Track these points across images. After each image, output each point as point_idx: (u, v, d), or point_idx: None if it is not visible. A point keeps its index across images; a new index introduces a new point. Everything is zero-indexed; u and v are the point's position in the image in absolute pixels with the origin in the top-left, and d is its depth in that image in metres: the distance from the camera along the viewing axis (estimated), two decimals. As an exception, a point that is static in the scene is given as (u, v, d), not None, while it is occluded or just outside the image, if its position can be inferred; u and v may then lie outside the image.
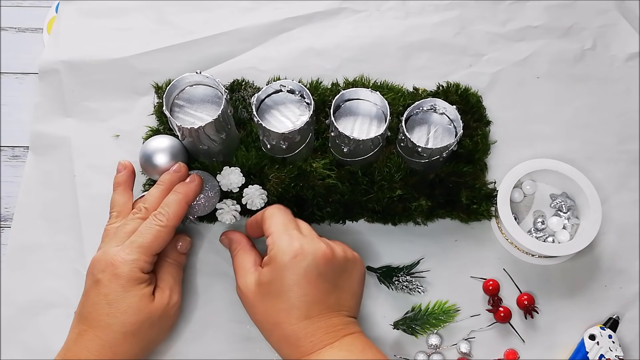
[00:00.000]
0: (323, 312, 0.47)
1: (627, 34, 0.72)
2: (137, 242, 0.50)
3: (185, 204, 0.53)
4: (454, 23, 0.72)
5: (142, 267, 0.49)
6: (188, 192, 0.54)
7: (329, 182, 0.58)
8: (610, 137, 0.66)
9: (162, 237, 0.51)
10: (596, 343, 0.55)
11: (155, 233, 0.50)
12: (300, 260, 0.47)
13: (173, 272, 0.54)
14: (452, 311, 0.57)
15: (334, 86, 0.66)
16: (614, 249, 0.61)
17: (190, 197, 0.55)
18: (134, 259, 0.49)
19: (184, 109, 0.55)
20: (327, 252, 0.48)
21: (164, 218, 0.51)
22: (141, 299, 0.49)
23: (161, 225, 0.51)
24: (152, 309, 0.49)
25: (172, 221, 0.51)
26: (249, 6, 0.72)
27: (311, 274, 0.47)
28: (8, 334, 0.57)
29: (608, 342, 0.55)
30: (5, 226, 0.64)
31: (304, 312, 0.47)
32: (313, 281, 0.47)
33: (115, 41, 0.69)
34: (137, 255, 0.49)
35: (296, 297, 0.47)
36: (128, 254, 0.49)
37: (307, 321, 0.46)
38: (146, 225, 0.51)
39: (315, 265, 0.47)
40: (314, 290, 0.47)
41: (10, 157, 0.67)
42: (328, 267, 0.48)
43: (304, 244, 0.48)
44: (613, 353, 0.55)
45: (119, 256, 0.49)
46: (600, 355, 0.54)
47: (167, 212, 0.52)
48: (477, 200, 0.60)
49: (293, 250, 0.47)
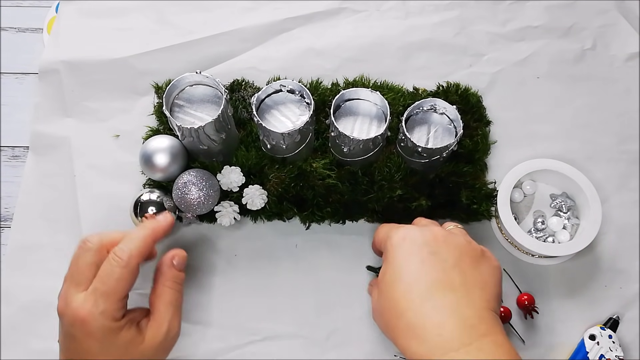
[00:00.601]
0: (448, 294, 0.41)
1: (627, 34, 0.72)
2: (100, 290, 0.43)
3: (151, 242, 0.47)
4: (454, 23, 0.72)
5: (114, 316, 0.44)
6: (156, 227, 0.48)
7: (329, 182, 0.58)
8: (610, 137, 0.66)
9: (126, 279, 0.44)
10: (596, 343, 0.55)
11: (118, 277, 0.44)
12: (409, 241, 0.44)
13: (172, 299, 0.47)
14: (452, 311, 0.57)
15: (334, 86, 0.66)
16: (614, 249, 0.61)
17: (159, 234, 0.48)
18: (101, 310, 0.43)
19: (184, 109, 0.55)
20: (439, 232, 0.45)
21: (124, 256, 0.44)
22: (126, 345, 0.44)
23: (121, 265, 0.44)
24: (143, 349, 0.45)
25: (134, 259, 0.45)
26: (249, 6, 0.72)
27: (423, 251, 0.43)
28: (8, 334, 0.57)
29: (608, 342, 0.55)
30: (5, 226, 0.64)
31: (424, 291, 0.41)
32: (426, 259, 0.43)
33: (115, 41, 0.69)
34: (103, 306, 0.43)
35: (410, 275, 0.42)
36: (93, 305, 0.43)
37: (430, 304, 0.41)
38: (106, 267, 0.44)
39: (426, 243, 0.44)
40: (428, 267, 0.42)
41: (10, 157, 0.67)
42: (443, 247, 0.44)
43: (412, 229, 0.45)
44: (613, 353, 0.54)
45: (85, 309, 0.43)
46: (601, 355, 0.54)
47: (129, 248, 0.45)
48: (477, 200, 0.60)
49: (401, 234, 0.45)
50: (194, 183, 0.56)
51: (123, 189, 0.62)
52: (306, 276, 0.59)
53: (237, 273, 0.59)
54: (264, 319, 0.58)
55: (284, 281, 0.59)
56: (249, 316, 0.58)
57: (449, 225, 0.50)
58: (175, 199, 0.57)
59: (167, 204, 0.57)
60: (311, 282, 0.59)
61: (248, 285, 0.59)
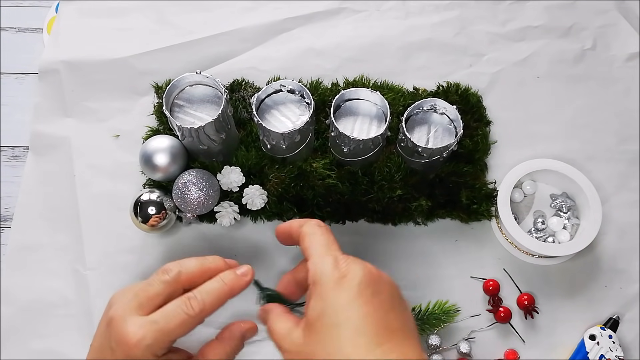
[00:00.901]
0: (393, 339, 0.40)
1: (627, 34, 0.72)
2: (159, 325, 0.42)
3: (225, 298, 0.45)
4: (454, 23, 0.72)
5: (156, 353, 0.42)
6: (235, 285, 0.45)
7: (329, 182, 0.58)
8: (610, 137, 0.66)
9: (188, 327, 0.43)
10: (596, 343, 0.55)
11: (181, 321, 0.43)
12: (351, 279, 0.41)
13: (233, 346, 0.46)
14: (452, 311, 0.57)
15: (334, 86, 0.66)
16: (614, 249, 0.61)
17: (236, 291, 0.45)
18: (148, 344, 0.42)
19: (184, 109, 0.55)
20: (374, 270, 0.43)
21: (197, 307, 0.43)
22: None
23: (191, 315, 0.43)
24: None
25: (205, 312, 0.43)
26: (249, 6, 0.72)
27: (366, 292, 0.41)
28: (8, 334, 0.57)
29: (608, 342, 0.55)
30: (5, 226, 0.64)
31: (373, 338, 0.39)
32: (369, 301, 0.40)
33: (115, 41, 0.69)
34: (152, 340, 0.42)
35: (357, 319, 0.39)
36: (144, 336, 0.42)
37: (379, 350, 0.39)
38: (174, 307, 0.43)
39: (367, 283, 0.41)
40: (373, 310, 0.40)
41: (10, 157, 0.67)
42: (381, 286, 0.42)
43: (350, 263, 0.42)
44: (613, 353, 0.55)
45: (135, 336, 0.42)
46: (601, 355, 0.54)
47: (203, 300, 0.43)
48: (477, 200, 0.60)
49: (340, 271, 0.42)
50: (194, 183, 0.56)
51: (123, 189, 0.62)
52: (306, 276, 0.59)
53: (237, 273, 0.59)
54: (264, 319, 0.58)
55: (284, 281, 0.59)
56: (249, 316, 0.58)
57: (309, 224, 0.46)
58: (175, 199, 0.57)
59: (167, 204, 0.57)
60: (311, 282, 0.59)
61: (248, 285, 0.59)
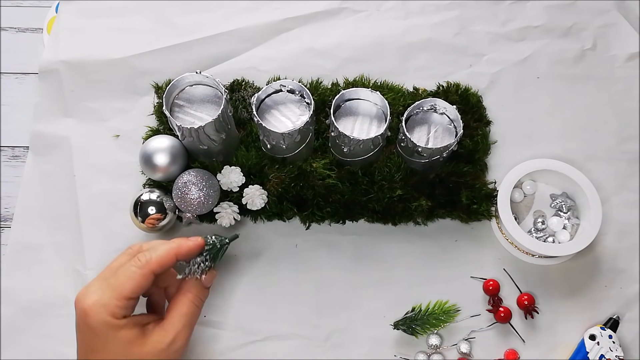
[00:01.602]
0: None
1: (627, 34, 0.72)
2: (109, 281, 0.45)
3: (173, 256, 0.46)
4: (454, 23, 0.72)
5: (114, 313, 0.44)
6: (182, 245, 0.47)
7: (329, 182, 0.58)
8: (610, 137, 0.66)
9: (137, 281, 0.45)
10: (596, 343, 0.55)
11: (129, 275, 0.44)
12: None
13: (188, 312, 0.47)
14: (452, 311, 0.57)
15: (334, 86, 0.66)
16: (614, 249, 0.61)
17: (183, 251, 0.47)
18: (104, 304, 0.43)
19: (184, 109, 0.55)
20: None
21: (144, 260, 0.45)
22: (125, 345, 0.44)
23: (138, 267, 0.45)
24: (143, 353, 0.44)
25: (152, 265, 0.45)
26: (249, 6, 0.72)
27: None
28: (8, 334, 0.57)
29: (608, 342, 0.55)
30: (5, 226, 0.64)
31: None
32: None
33: (115, 41, 0.69)
34: (107, 299, 0.44)
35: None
36: (98, 297, 0.44)
37: None
38: (124, 266, 0.45)
39: None
40: None
41: (10, 157, 0.67)
42: None
43: None
44: (613, 353, 0.55)
45: (90, 300, 0.43)
46: (601, 355, 0.54)
47: (150, 256, 0.46)
48: (477, 200, 0.60)
49: None
50: (194, 183, 0.56)
51: (123, 189, 0.62)
52: (306, 276, 0.59)
53: (237, 273, 0.59)
54: (264, 319, 0.58)
55: (284, 281, 0.59)
56: (249, 316, 0.58)
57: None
58: (175, 199, 0.57)
59: (167, 204, 0.57)
60: (311, 282, 0.59)
61: (248, 285, 0.59)
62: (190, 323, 0.47)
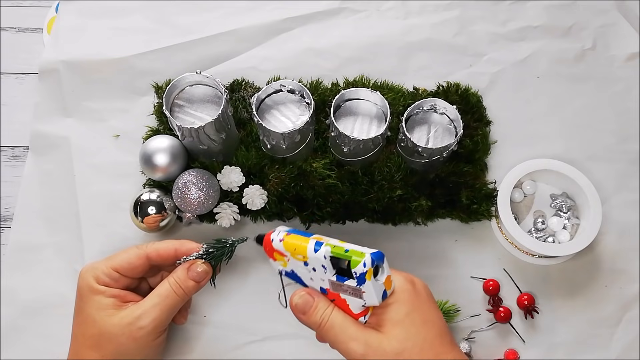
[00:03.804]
0: (453, 341, 0.43)
1: (627, 34, 0.72)
2: (108, 257, 0.48)
3: (173, 249, 0.48)
4: (454, 23, 0.72)
5: (97, 277, 0.46)
6: (185, 243, 0.48)
7: (329, 182, 0.58)
8: (610, 137, 0.66)
9: (128, 256, 0.47)
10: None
11: (125, 251, 0.47)
12: (422, 286, 0.44)
13: (165, 294, 0.46)
14: (452, 311, 0.57)
15: (334, 86, 0.66)
16: (614, 249, 0.61)
17: (183, 251, 0.48)
18: (93, 268, 0.47)
19: (184, 109, 0.55)
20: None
21: (143, 245, 0.48)
22: (97, 310, 0.45)
23: (135, 247, 0.48)
24: (110, 323, 0.45)
25: (149, 249, 0.48)
26: (249, 6, 0.72)
27: (432, 298, 0.44)
28: (8, 334, 0.57)
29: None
30: (5, 226, 0.64)
31: (451, 338, 0.43)
32: (435, 306, 0.44)
33: (115, 41, 0.69)
34: (97, 265, 0.47)
35: (439, 320, 0.43)
36: (93, 264, 0.47)
37: (457, 351, 0.42)
38: (127, 248, 0.49)
39: (428, 291, 0.44)
40: (440, 314, 0.44)
41: (10, 157, 0.67)
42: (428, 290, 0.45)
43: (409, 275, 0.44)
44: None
45: (87, 266, 0.47)
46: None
47: (152, 244, 0.48)
48: (477, 200, 0.60)
49: (410, 278, 0.44)
50: (194, 183, 0.56)
51: (123, 189, 0.62)
52: (306, 276, 0.59)
53: (236, 273, 0.59)
54: (263, 319, 0.58)
55: (284, 281, 0.59)
56: (249, 316, 0.58)
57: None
58: (175, 199, 0.57)
59: (167, 204, 0.57)
60: (311, 282, 0.59)
61: (248, 285, 0.59)
62: (162, 304, 0.46)
